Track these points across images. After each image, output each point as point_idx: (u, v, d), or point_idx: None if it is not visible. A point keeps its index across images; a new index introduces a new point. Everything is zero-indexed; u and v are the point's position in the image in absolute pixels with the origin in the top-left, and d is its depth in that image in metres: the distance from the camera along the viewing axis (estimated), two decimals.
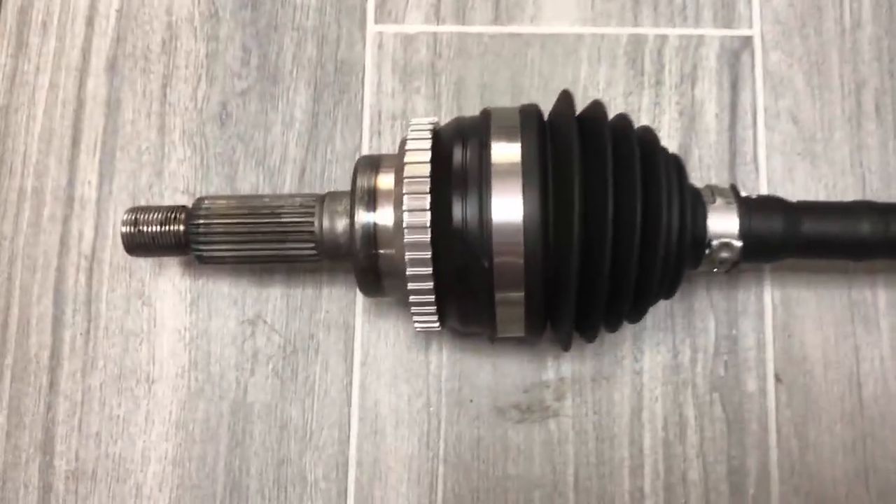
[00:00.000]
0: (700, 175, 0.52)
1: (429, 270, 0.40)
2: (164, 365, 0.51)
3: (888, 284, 0.51)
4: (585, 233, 0.40)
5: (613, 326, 0.44)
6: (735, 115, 0.53)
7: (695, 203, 0.43)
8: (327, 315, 0.51)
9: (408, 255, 0.40)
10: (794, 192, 0.52)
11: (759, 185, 0.52)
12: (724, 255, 0.43)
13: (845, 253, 0.45)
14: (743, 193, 0.45)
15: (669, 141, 0.53)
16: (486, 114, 0.43)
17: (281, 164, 0.53)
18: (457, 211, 0.40)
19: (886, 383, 0.50)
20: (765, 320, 0.51)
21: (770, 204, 0.44)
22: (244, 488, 0.50)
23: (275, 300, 0.51)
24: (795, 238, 0.44)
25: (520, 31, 0.54)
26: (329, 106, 0.53)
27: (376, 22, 0.54)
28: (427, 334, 0.51)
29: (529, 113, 0.43)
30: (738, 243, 0.43)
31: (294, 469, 0.50)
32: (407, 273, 0.41)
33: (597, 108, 0.43)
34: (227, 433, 0.50)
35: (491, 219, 0.39)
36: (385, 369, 0.51)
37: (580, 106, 0.44)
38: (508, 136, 0.41)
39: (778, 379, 0.50)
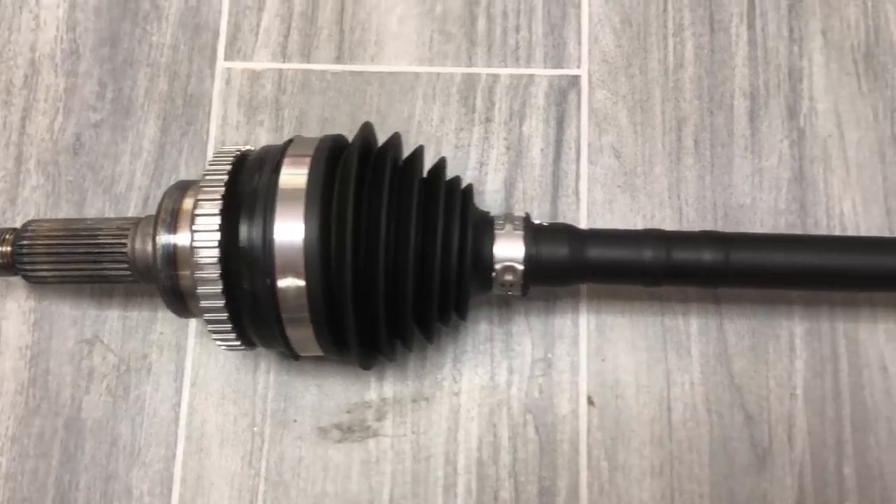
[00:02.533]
0: (523, 206, 0.55)
1: (219, 289, 0.43)
2: (5, 382, 0.53)
3: (700, 312, 0.53)
4: (366, 255, 0.42)
5: (406, 345, 0.46)
6: (560, 150, 0.56)
7: (480, 229, 0.45)
8: (161, 336, 0.53)
9: (197, 274, 0.43)
10: (613, 222, 0.54)
11: (580, 216, 0.55)
12: (508, 277, 0.45)
13: (631, 278, 0.47)
14: (537, 222, 0.47)
15: (496, 174, 0.55)
16: (288, 141, 0.46)
17: (127, 192, 0.56)
18: (244, 232, 0.42)
19: (695, 408, 0.52)
20: (579, 345, 0.53)
21: (558, 231, 0.47)
22: (72, 502, 0.51)
23: (112, 321, 0.54)
24: (581, 264, 0.46)
25: (361, 70, 0.57)
26: (176, 137, 0.56)
27: (226, 59, 0.58)
28: (256, 356, 0.53)
29: (326, 141, 0.45)
30: (521, 267, 0.45)
31: (121, 484, 0.51)
32: (198, 291, 0.43)
33: (393, 139, 0.46)
34: (59, 448, 0.52)
35: (273, 239, 0.42)
36: (213, 390, 0.53)
37: (414, 142, 0.49)
38: (300, 163, 0.44)
39: (590, 402, 0.52)
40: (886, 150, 0.55)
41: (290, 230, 0.42)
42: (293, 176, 0.43)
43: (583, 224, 0.55)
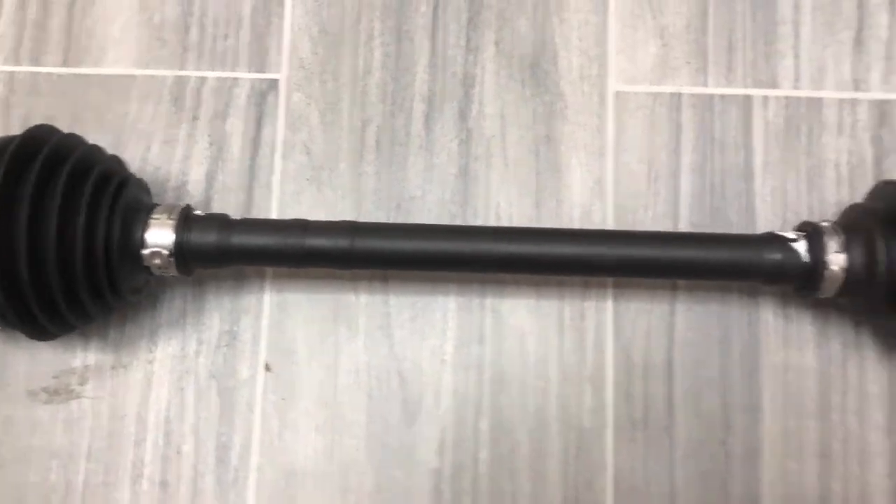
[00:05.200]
0: (222, 197, 0.62)
1: None
2: None
3: (369, 290, 0.61)
4: (9, 242, 0.49)
5: (62, 322, 0.53)
6: (257, 146, 0.63)
7: (133, 218, 0.53)
8: None
9: None
10: (300, 212, 0.62)
11: (272, 206, 0.62)
12: (157, 261, 0.53)
13: (273, 261, 0.55)
14: (197, 212, 0.55)
15: (199, 167, 0.62)
16: None
17: None
18: None
19: (358, 373, 0.60)
20: (262, 319, 0.60)
21: (211, 220, 0.54)
22: None
23: None
24: (227, 249, 0.53)
25: (84, 73, 0.64)
26: None
27: None
28: None
29: None
30: (167, 252, 0.52)
31: None
32: None
33: (62, 139, 0.53)
34: None
35: None
36: None
37: (128, 138, 0.60)
38: None
39: (267, 368, 0.60)
40: (540, 148, 0.63)
41: None
42: None
43: (273, 214, 0.62)
